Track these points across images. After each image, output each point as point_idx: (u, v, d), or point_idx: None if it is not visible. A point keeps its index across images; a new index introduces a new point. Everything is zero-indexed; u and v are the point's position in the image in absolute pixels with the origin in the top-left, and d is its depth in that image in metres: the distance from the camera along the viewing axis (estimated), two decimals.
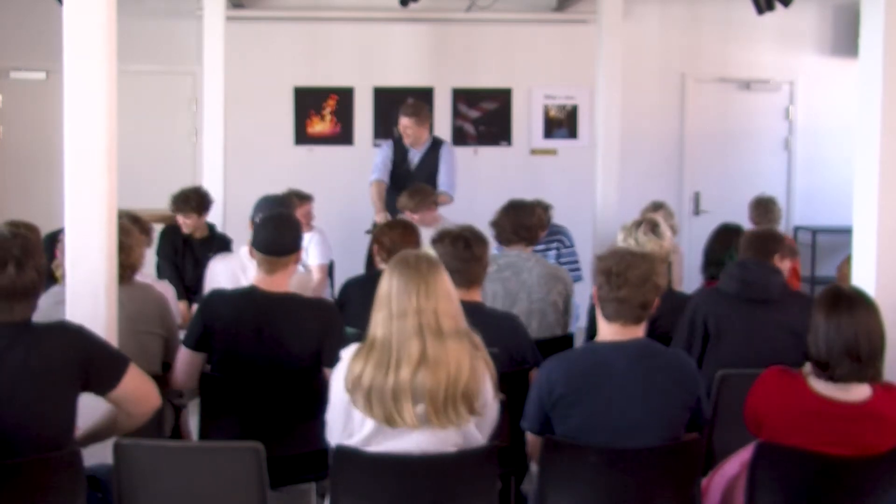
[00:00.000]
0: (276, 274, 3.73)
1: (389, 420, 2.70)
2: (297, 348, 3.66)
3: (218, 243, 6.15)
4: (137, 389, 2.89)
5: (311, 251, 6.20)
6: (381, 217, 6.56)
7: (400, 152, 6.95)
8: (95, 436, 3.06)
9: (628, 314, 2.99)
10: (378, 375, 2.70)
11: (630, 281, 2.97)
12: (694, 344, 3.94)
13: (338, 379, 2.83)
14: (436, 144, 6.96)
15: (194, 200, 6.14)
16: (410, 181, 6.66)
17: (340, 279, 5.75)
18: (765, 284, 3.97)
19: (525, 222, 4.76)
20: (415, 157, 6.94)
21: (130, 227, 4.00)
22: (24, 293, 2.70)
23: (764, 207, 6.53)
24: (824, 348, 2.86)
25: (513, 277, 4.53)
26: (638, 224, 4.47)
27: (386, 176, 6.90)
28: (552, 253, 6.04)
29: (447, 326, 2.73)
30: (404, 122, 6.83)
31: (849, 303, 2.90)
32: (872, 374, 2.87)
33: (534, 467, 3.15)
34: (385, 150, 7.04)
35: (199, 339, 3.73)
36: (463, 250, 3.82)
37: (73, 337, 2.81)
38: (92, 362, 2.79)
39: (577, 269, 5.91)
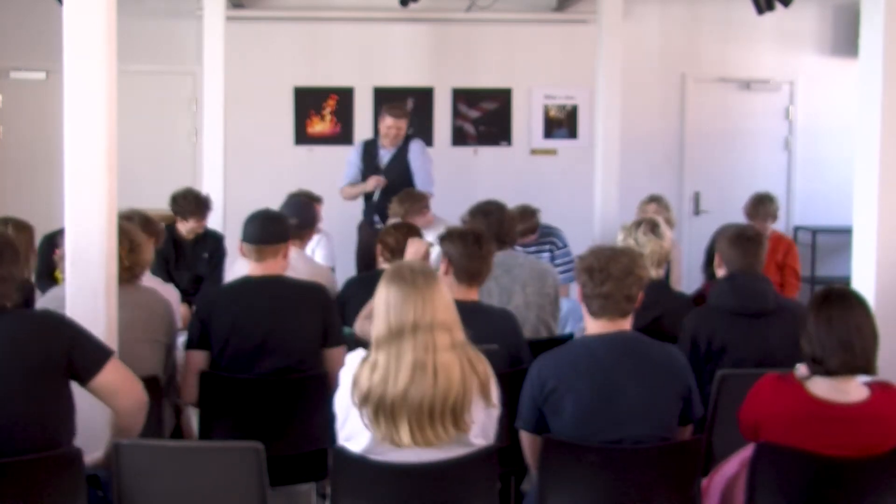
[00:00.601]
0: (265, 262, 3.83)
1: (389, 438, 2.71)
2: (292, 325, 3.72)
3: (211, 242, 6.03)
4: (119, 381, 2.91)
5: (318, 253, 6.21)
6: (374, 182, 6.82)
7: (369, 153, 7.04)
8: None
9: (614, 308, 3.03)
10: (382, 390, 2.70)
11: (613, 275, 3.01)
12: (697, 364, 3.86)
13: (345, 379, 2.83)
14: (406, 141, 7.02)
15: (205, 203, 6.00)
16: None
17: (341, 279, 5.75)
18: (759, 295, 3.87)
19: (504, 227, 4.68)
20: (385, 155, 7.00)
21: (134, 227, 3.98)
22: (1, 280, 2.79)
23: (757, 201, 6.54)
24: (818, 343, 2.88)
25: (504, 275, 4.51)
26: (638, 224, 4.47)
27: (355, 181, 7.08)
28: (546, 255, 6.04)
29: (441, 341, 2.73)
30: (393, 123, 6.88)
31: (839, 299, 2.93)
32: (865, 367, 2.88)
33: (531, 469, 3.15)
34: (353, 156, 7.15)
35: (200, 337, 3.76)
36: (472, 245, 3.84)
37: (56, 322, 2.88)
38: (74, 347, 2.84)
39: (573, 269, 5.90)
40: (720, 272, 4.06)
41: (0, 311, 2.80)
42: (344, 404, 2.82)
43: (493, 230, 4.52)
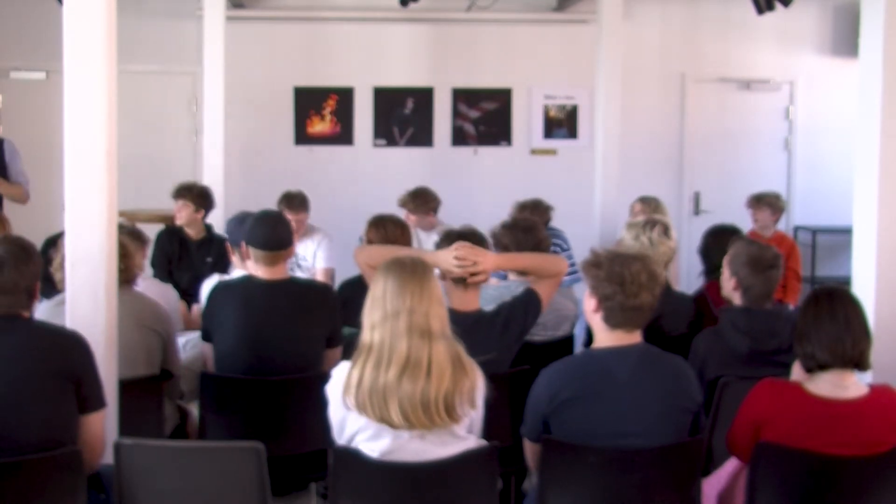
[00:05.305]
0: (276, 266, 3.87)
1: (384, 418, 2.73)
2: (300, 327, 3.76)
3: (217, 246, 5.95)
4: (93, 433, 2.96)
5: (319, 255, 6.17)
6: None
7: None
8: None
9: (639, 320, 2.95)
10: (374, 375, 2.73)
11: (645, 285, 2.91)
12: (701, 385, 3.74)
13: (333, 394, 2.86)
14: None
15: (195, 190, 6.05)
16: None
17: (341, 280, 5.75)
18: (776, 335, 3.65)
19: (541, 249, 4.35)
20: None
21: (127, 239, 3.98)
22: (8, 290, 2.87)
23: (755, 199, 6.59)
24: (806, 338, 2.90)
25: None
26: (652, 224, 4.45)
27: None
28: None
29: (436, 328, 2.77)
30: None
31: (828, 296, 2.94)
32: (858, 361, 2.89)
33: (533, 475, 3.14)
34: None
35: (208, 331, 3.86)
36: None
37: (80, 344, 2.94)
38: (85, 375, 2.92)
39: (576, 272, 5.89)
40: (735, 295, 3.84)
41: (15, 318, 2.86)
42: (338, 417, 2.84)
43: (528, 248, 4.28)
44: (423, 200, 6.33)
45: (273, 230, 3.87)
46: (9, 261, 2.85)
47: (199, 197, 6.03)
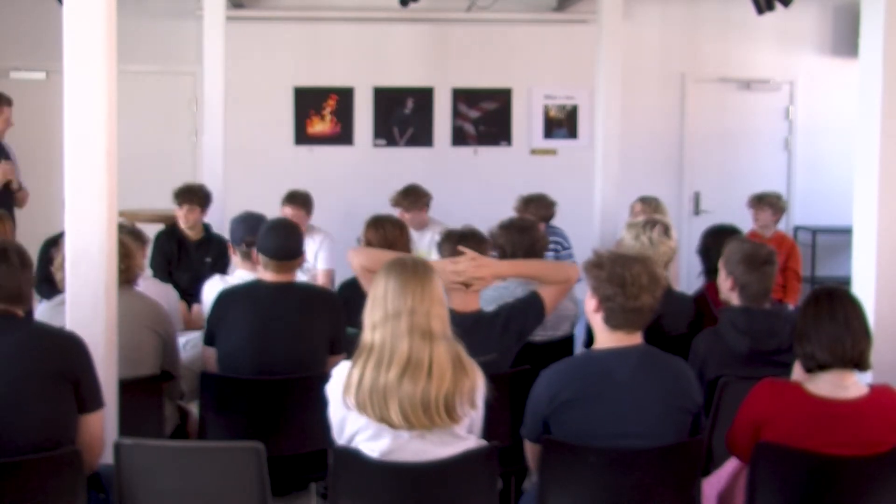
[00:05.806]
0: (285, 274, 3.92)
1: (384, 418, 2.72)
2: (303, 328, 3.78)
3: (216, 246, 6.03)
4: (91, 434, 2.96)
5: (321, 256, 6.20)
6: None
7: None
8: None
9: (639, 321, 2.95)
10: (375, 375, 2.73)
11: (646, 286, 2.91)
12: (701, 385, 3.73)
13: (333, 393, 2.85)
14: None
15: (200, 193, 6.09)
16: None
17: (340, 280, 5.75)
18: (776, 335, 3.63)
19: (537, 248, 4.34)
20: None
21: (128, 239, 3.99)
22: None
23: (760, 195, 6.59)
24: (807, 338, 2.90)
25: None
26: (653, 224, 4.45)
27: None
28: (550, 255, 6.02)
29: (437, 329, 2.76)
30: None
31: (828, 296, 2.94)
32: (858, 361, 2.89)
33: (533, 475, 3.14)
34: None
35: (212, 336, 3.88)
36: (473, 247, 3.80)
37: (78, 345, 2.94)
38: (83, 375, 2.92)
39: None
40: (732, 296, 3.83)
41: (14, 318, 2.87)
42: (339, 416, 2.84)
43: (523, 249, 4.29)
44: (415, 197, 6.39)
45: (285, 240, 3.92)
46: (14, 261, 2.88)
47: (204, 199, 6.07)
